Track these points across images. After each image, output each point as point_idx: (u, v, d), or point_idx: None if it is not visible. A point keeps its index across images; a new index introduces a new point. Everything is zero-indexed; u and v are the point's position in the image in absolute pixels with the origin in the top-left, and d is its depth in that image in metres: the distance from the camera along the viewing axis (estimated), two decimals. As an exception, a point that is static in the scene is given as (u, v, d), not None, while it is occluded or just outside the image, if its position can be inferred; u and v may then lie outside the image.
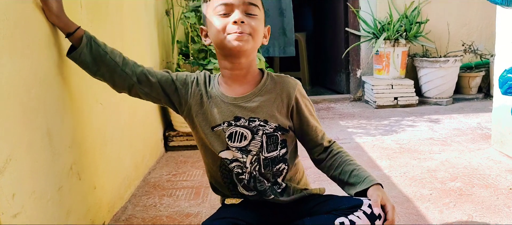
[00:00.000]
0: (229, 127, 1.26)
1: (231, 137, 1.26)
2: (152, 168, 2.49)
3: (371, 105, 4.18)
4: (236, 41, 1.18)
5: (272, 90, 1.28)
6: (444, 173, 2.23)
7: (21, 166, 1.07)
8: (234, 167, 1.30)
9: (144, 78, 1.29)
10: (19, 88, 1.09)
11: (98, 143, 1.65)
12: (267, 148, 1.28)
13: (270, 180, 1.31)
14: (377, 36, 4.16)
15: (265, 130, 1.26)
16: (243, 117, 1.26)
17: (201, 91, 1.30)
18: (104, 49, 1.28)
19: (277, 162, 1.30)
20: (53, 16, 1.24)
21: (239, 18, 1.17)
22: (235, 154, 1.28)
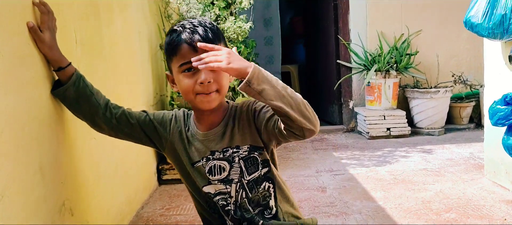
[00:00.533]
0: (208, 162, 1.29)
1: (211, 171, 1.29)
2: (145, 202, 2.46)
3: (364, 136, 4.20)
4: (204, 104, 1.21)
5: (236, 116, 1.30)
6: (438, 204, 2.23)
7: (13, 203, 1.06)
8: (219, 200, 1.31)
9: (124, 119, 1.32)
10: (12, 125, 1.09)
11: (91, 179, 1.63)
12: (247, 171, 1.29)
13: (261, 203, 1.30)
14: (368, 68, 4.22)
15: (240, 155, 1.28)
16: (217, 150, 1.28)
17: (180, 128, 1.33)
18: (91, 90, 1.31)
19: (260, 181, 1.30)
20: (46, 48, 1.24)
21: (205, 79, 1.17)
22: (217, 187, 1.30)
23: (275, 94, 1.10)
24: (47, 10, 1.25)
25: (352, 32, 4.46)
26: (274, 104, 1.10)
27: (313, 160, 3.30)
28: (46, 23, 1.24)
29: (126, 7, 2.36)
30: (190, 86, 1.20)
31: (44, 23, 1.24)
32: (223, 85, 1.23)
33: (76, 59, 1.55)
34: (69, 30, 1.51)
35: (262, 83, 1.09)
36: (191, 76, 1.20)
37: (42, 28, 1.23)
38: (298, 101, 1.11)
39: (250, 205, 1.30)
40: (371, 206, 2.26)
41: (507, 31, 2.11)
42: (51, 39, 1.25)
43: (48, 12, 1.25)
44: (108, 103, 1.33)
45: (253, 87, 1.09)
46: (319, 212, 2.20)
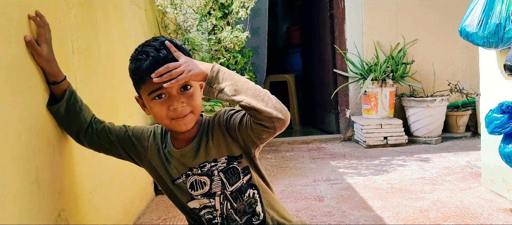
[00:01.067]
0: (188, 177, 1.29)
1: (192, 187, 1.29)
2: (142, 212, 2.44)
3: (361, 144, 4.20)
4: (181, 126, 1.21)
5: (209, 130, 1.29)
6: (436, 213, 2.22)
7: (9, 213, 1.05)
8: (204, 214, 1.31)
9: (104, 135, 1.33)
10: (8, 134, 1.09)
11: (87, 189, 1.62)
12: (228, 182, 1.29)
13: (247, 211, 1.30)
14: (364, 77, 4.23)
15: (219, 168, 1.28)
16: (194, 167, 1.28)
17: (158, 145, 1.33)
18: (80, 106, 1.32)
19: (244, 190, 1.29)
20: (43, 61, 1.24)
21: (177, 105, 1.18)
22: (201, 202, 1.30)
23: (238, 88, 1.11)
24: (43, 23, 1.25)
25: (348, 42, 4.49)
26: (237, 99, 1.10)
27: (311, 169, 3.30)
28: (43, 36, 1.24)
29: (123, 17, 2.36)
30: (163, 113, 1.20)
31: (41, 36, 1.24)
32: (196, 106, 1.22)
33: (73, 69, 1.55)
34: (66, 40, 1.51)
35: (223, 81, 1.11)
36: (163, 103, 1.19)
37: (39, 41, 1.23)
38: (262, 93, 1.12)
39: (236, 215, 1.30)
40: (369, 215, 2.25)
41: (502, 40, 2.12)
42: (48, 52, 1.25)
43: (45, 24, 1.25)
44: (92, 119, 1.34)
45: (214, 87, 1.11)
46: (316, 222, 2.19)
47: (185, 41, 3.20)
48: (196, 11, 3.16)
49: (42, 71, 1.28)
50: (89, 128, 1.33)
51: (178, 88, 1.19)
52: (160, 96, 1.19)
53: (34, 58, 1.23)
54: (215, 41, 3.41)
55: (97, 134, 1.33)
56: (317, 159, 3.67)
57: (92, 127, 1.33)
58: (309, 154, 3.89)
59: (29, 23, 1.23)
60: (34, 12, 1.26)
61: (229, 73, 1.13)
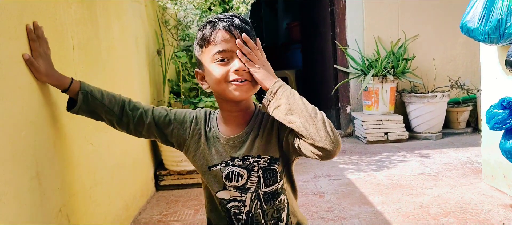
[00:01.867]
0: (227, 167, 1.25)
1: (228, 177, 1.25)
2: (142, 208, 2.45)
3: (362, 140, 4.20)
4: (237, 91, 1.18)
5: (261, 124, 1.27)
6: (436, 209, 2.22)
7: (10, 209, 1.05)
8: (231, 207, 1.28)
9: (141, 123, 1.29)
10: (8, 130, 1.08)
11: (88, 184, 1.63)
12: (264, 182, 1.25)
13: (274, 216, 1.28)
14: (365, 72, 4.23)
15: (260, 165, 1.25)
16: (237, 157, 1.25)
17: (200, 130, 1.29)
18: (102, 101, 1.27)
19: (278, 195, 1.27)
20: (43, 76, 1.23)
21: (240, 67, 1.16)
22: (232, 194, 1.26)
23: (293, 108, 1.09)
24: (37, 36, 1.23)
25: (349, 37, 4.48)
26: (290, 119, 1.09)
27: (311, 165, 3.30)
28: (36, 50, 1.22)
29: (123, 13, 2.36)
30: (223, 75, 1.17)
31: (35, 51, 1.22)
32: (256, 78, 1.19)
33: (73, 64, 1.55)
34: (66, 35, 1.51)
35: (281, 98, 1.10)
36: (224, 65, 1.18)
37: (34, 56, 1.22)
38: (318, 117, 1.08)
39: (264, 217, 1.27)
40: (369, 211, 2.26)
41: (503, 36, 2.11)
42: (46, 66, 1.24)
43: (38, 37, 1.23)
44: (124, 107, 1.29)
45: (271, 101, 1.11)
46: (317, 218, 2.19)
47: (185, 37, 3.19)
48: (197, 6, 3.15)
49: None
50: (123, 117, 1.28)
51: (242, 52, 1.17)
52: (223, 60, 1.18)
53: (33, 75, 1.22)
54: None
55: (134, 123, 1.28)
56: (317, 155, 3.67)
57: (127, 116, 1.28)
58: (310, 150, 3.89)
59: (29, 19, 1.23)
60: (34, 7, 1.26)
61: (289, 91, 1.11)
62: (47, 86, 1.31)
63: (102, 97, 1.27)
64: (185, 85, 3.07)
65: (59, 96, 1.26)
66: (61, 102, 1.29)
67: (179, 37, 3.21)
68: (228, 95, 1.20)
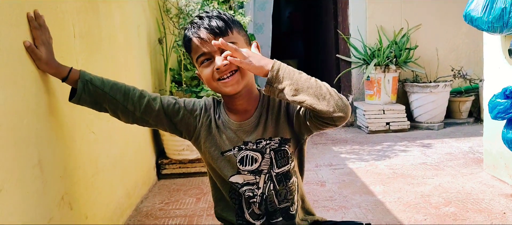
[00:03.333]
0: (240, 151, 1.26)
1: (242, 161, 1.26)
2: (144, 196, 2.46)
3: (364, 130, 4.20)
4: (227, 87, 1.19)
5: (269, 106, 1.28)
6: (438, 198, 2.23)
7: (12, 197, 1.06)
8: (245, 191, 1.28)
9: (149, 111, 1.27)
10: (10, 118, 1.09)
11: (90, 172, 1.63)
12: (276, 163, 1.27)
13: (287, 197, 1.29)
14: (367, 62, 4.21)
15: (271, 146, 1.26)
16: (250, 141, 1.26)
17: (210, 117, 1.30)
18: (103, 89, 1.25)
19: (290, 176, 1.28)
20: (43, 65, 1.23)
21: (220, 65, 1.16)
22: (246, 178, 1.27)
23: (299, 87, 1.08)
24: (39, 25, 1.22)
25: (351, 26, 4.46)
26: (298, 99, 1.07)
27: (313, 155, 3.30)
28: (39, 38, 1.22)
29: (124, 1, 2.35)
30: (209, 75, 1.19)
31: (37, 39, 1.22)
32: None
33: (74, 53, 1.55)
34: (67, 23, 1.50)
35: (284, 80, 1.08)
36: (208, 65, 1.19)
37: (37, 44, 1.21)
38: (324, 90, 1.08)
39: (277, 198, 1.28)
40: (370, 200, 2.26)
41: (506, 25, 2.10)
42: (47, 54, 1.23)
43: (40, 26, 1.23)
44: (128, 95, 1.27)
45: (275, 86, 1.08)
46: (318, 206, 2.20)
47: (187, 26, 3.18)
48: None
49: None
50: (128, 105, 1.26)
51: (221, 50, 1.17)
52: (207, 60, 1.19)
53: (34, 62, 1.22)
54: (217, 25, 3.39)
55: (141, 110, 1.27)
56: (319, 144, 3.67)
57: (133, 103, 1.26)
58: (311, 139, 3.89)
59: (31, 8, 1.23)
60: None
61: (289, 71, 1.09)
62: (49, 75, 1.30)
63: (103, 85, 1.26)
64: (186, 74, 3.06)
65: (60, 84, 1.26)
66: (63, 91, 1.29)
67: (180, 25, 3.20)
68: (222, 91, 1.21)
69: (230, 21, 1.21)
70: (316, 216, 1.38)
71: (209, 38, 1.16)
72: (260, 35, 5.15)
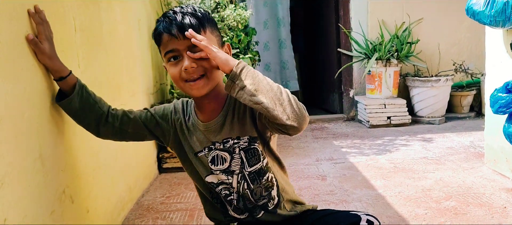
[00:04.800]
0: (210, 151, 1.28)
1: (213, 161, 1.28)
2: (145, 190, 2.46)
3: (365, 124, 4.20)
4: (193, 90, 1.20)
5: (235, 106, 1.28)
6: (438, 192, 2.23)
7: (13, 190, 1.06)
8: (221, 190, 1.31)
9: (126, 120, 1.32)
10: (12, 112, 1.09)
11: (91, 166, 1.63)
12: (248, 162, 1.28)
13: (263, 194, 1.30)
14: (369, 56, 4.20)
15: (240, 146, 1.27)
16: (217, 141, 1.27)
17: (180, 119, 1.32)
18: (94, 99, 1.30)
19: (263, 173, 1.29)
20: (46, 58, 1.23)
21: (187, 65, 1.16)
22: (220, 177, 1.30)
23: (259, 88, 1.07)
24: (42, 19, 1.23)
25: (353, 21, 4.44)
26: (256, 99, 1.07)
27: (313, 149, 3.30)
28: (43, 33, 1.22)
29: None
30: (177, 74, 1.19)
31: (41, 34, 1.22)
32: (210, 69, 1.19)
33: (75, 47, 1.54)
34: (68, 17, 1.50)
35: (246, 79, 1.08)
36: (176, 64, 1.19)
37: (40, 39, 1.22)
38: (283, 96, 1.07)
39: (252, 196, 1.30)
40: (371, 194, 2.26)
41: (509, 19, 2.09)
42: (50, 49, 1.24)
43: (43, 21, 1.23)
44: (109, 109, 1.33)
45: (236, 83, 1.08)
46: (319, 200, 2.20)
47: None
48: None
49: (47, 72, 1.27)
50: (109, 117, 1.31)
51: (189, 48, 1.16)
52: (175, 58, 1.18)
53: (36, 56, 1.22)
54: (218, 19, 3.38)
55: (119, 120, 1.31)
56: (320, 139, 3.67)
57: (112, 115, 1.32)
58: (312, 134, 3.89)
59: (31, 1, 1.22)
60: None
61: (253, 72, 1.10)
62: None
63: (94, 95, 1.32)
64: (187, 68, 3.06)
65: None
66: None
67: (181, 19, 3.19)
68: (187, 92, 1.22)
69: (205, 19, 1.20)
70: (306, 205, 1.38)
71: (179, 36, 1.15)
72: (283, 50, 5.07)
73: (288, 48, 5.12)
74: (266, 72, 5.20)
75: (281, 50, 5.13)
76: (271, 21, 5.12)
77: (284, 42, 5.11)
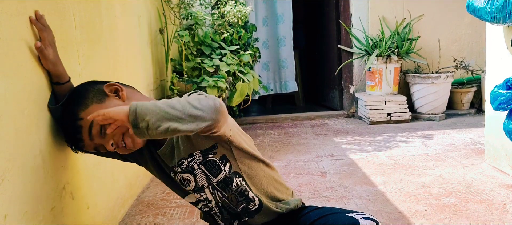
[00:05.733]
0: (175, 175, 1.30)
1: (183, 184, 1.30)
2: (145, 187, 2.47)
3: (365, 121, 4.20)
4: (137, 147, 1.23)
5: None
6: (438, 189, 2.23)
7: (14, 187, 1.06)
8: (202, 207, 1.33)
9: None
10: (12, 108, 1.09)
11: (91, 163, 1.64)
12: (212, 173, 1.26)
13: (239, 199, 1.29)
14: (369, 53, 4.20)
15: (197, 161, 1.26)
16: (174, 165, 1.28)
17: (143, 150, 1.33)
18: None
19: (230, 180, 1.27)
20: (50, 64, 1.25)
21: (110, 148, 1.19)
22: (195, 196, 1.32)
23: (159, 117, 1.03)
24: (44, 25, 1.23)
25: (353, 17, 4.43)
26: (163, 129, 1.03)
27: (314, 145, 3.30)
28: (46, 39, 1.23)
29: (125, -9, 2.34)
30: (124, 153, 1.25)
31: (44, 40, 1.23)
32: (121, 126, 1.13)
33: (75, 43, 1.54)
34: (68, 13, 1.50)
35: (145, 116, 1.03)
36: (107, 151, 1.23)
37: (44, 45, 1.23)
38: (186, 110, 1.04)
39: (231, 202, 1.29)
40: (371, 190, 2.27)
41: (509, 15, 2.08)
42: (54, 55, 1.26)
43: (45, 27, 1.24)
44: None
45: (141, 126, 1.03)
46: (319, 197, 2.21)
47: (188, 16, 3.16)
48: (199, -15, 3.12)
49: (47, 72, 1.28)
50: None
51: (98, 137, 1.18)
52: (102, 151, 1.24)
53: (40, 61, 1.23)
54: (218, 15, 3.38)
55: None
56: (320, 135, 3.67)
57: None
58: (312, 130, 3.89)
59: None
60: (35, -16, 1.24)
61: (147, 105, 1.04)
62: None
63: None
64: (187, 64, 3.06)
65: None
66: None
67: (181, 16, 3.19)
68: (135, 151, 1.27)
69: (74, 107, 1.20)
70: (293, 201, 1.34)
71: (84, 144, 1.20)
72: (282, 48, 5.06)
73: (287, 46, 5.09)
74: (264, 71, 5.19)
75: (280, 48, 5.10)
76: (271, 18, 5.10)
77: (284, 40, 5.08)
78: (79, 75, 1.51)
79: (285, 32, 5.07)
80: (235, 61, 3.16)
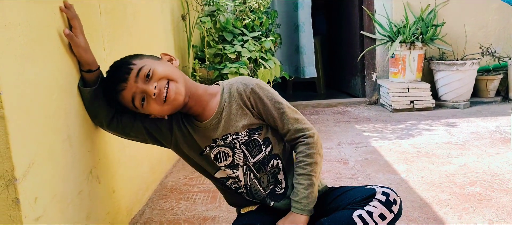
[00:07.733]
0: (212, 149, 1.31)
1: (217, 159, 1.32)
2: (168, 172, 2.50)
3: (387, 108, 4.15)
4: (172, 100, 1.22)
5: (230, 102, 1.30)
6: (463, 178, 2.20)
7: (43, 170, 1.09)
8: (231, 183, 1.36)
9: (129, 125, 1.35)
10: (40, 93, 1.11)
11: (116, 148, 1.67)
12: (251, 154, 1.31)
13: (270, 181, 1.33)
14: (392, 39, 4.13)
15: (240, 141, 1.30)
16: (217, 138, 1.30)
17: (179, 122, 1.34)
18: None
19: (267, 161, 1.32)
20: (81, 51, 1.27)
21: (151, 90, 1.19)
22: (226, 172, 1.34)
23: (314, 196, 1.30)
24: (74, 14, 1.26)
25: (376, 2, 4.36)
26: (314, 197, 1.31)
27: (335, 133, 3.29)
28: (77, 27, 1.26)
29: (148, -23, 2.35)
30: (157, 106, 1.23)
31: (76, 28, 1.26)
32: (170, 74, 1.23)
33: (100, 29, 1.56)
34: (93, 0, 1.52)
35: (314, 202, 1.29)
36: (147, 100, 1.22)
37: (75, 33, 1.25)
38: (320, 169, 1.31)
39: (260, 185, 1.34)
40: (394, 178, 2.25)
41: (541, 0, 2.02)
42: (85, 42, 1.29)
43: (75, 15, 1.27)
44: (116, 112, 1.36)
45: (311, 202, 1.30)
46: (341, 184, 2.20)
47: (210, 2, 3.16)
48: (221, -29, 3.11)
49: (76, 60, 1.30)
50: (114, 119, 1.35)
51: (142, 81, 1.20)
52: (142, 100, 1.22)
53: (72, 48, 1.26)
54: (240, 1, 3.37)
55: (122, 123, 1.35)
56: (341, 123, 3.65)
57: (117, 118, 1.35)
58: (334, 118, 3.87)
59: (57, -17, 1.24)
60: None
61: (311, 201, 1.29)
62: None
63: None
64: (209, 51, 3.07)
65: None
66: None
67: (203, 2, 3.19)
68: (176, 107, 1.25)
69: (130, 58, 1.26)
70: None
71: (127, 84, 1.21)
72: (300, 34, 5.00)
73: (306, 32, 5.03)
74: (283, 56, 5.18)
75: (298, 34, 5.05)
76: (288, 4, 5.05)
77: (302, 26, 5.02)
78: (104, 61, 1.53)
79: (304, 18, 5.01)
80: (257, 47, 3.15)
